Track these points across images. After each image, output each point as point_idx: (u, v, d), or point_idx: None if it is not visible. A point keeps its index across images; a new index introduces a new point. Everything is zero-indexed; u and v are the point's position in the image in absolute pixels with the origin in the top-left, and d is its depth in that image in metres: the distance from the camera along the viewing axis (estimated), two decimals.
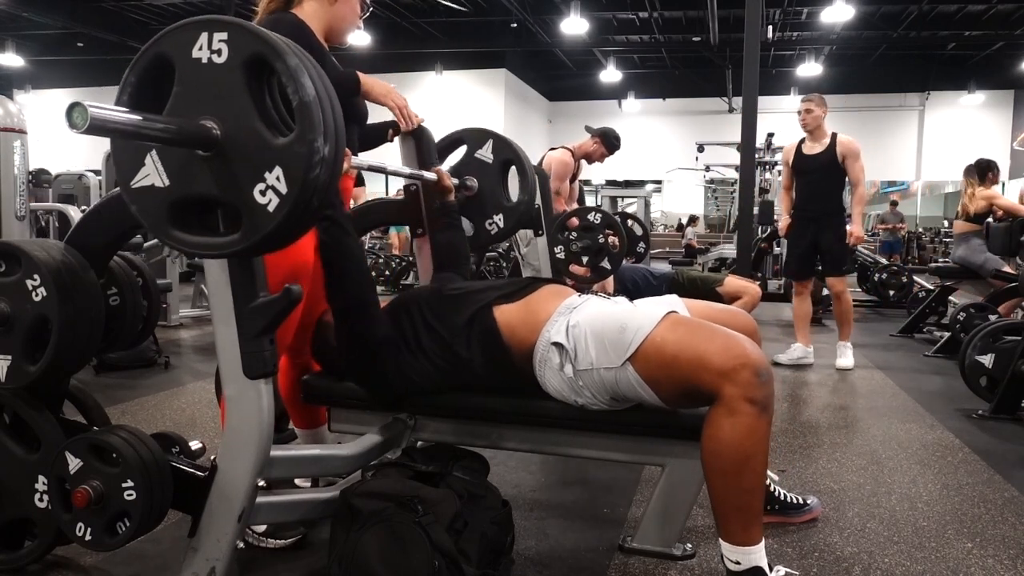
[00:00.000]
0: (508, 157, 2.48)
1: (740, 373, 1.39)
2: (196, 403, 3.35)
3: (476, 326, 1.65)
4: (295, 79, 1.11)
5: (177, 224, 1.22)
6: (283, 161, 1.13)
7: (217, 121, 1.16)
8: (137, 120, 1.08)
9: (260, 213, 1.15)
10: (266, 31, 1.15)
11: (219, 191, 1.18)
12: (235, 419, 1.43)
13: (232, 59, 1.14)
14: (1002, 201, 5.26)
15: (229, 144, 1.15)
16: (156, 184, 1.21)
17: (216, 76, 1.15)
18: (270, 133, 1.14)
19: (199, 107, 1.17)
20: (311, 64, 1.15)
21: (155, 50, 1.20)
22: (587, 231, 3.49)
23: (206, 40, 1.15)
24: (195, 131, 1.14)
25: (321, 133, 1.12)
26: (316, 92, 1.13)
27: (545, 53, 16.12)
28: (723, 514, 1.46)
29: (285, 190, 1.13)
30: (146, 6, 13.00)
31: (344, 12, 1.94)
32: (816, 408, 3.43)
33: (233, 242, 1.19)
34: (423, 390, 1.71)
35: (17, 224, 2.85)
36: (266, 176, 1.14)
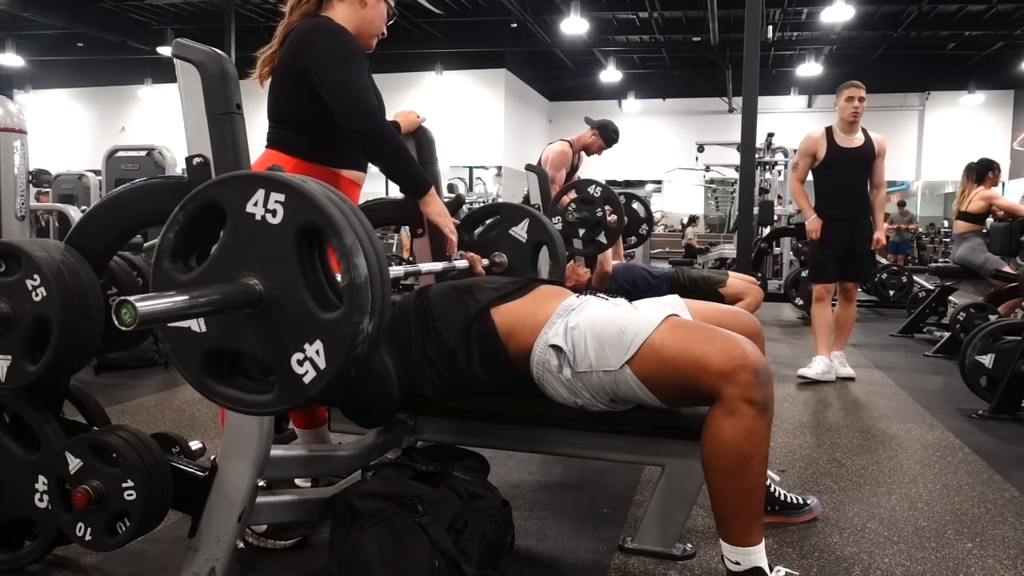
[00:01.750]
0: (542, 239, 2.42)
1: (739, 374, 1.39)
2: (196, 403, 3.34)
3: (474, 328, 1.65)
4: (349, 258, 1.07)
5: (209, 372, 1.18)
6: (325, 336, 1.09)
7: (262, 280, 1.12)
8: (183, 303, 1.05)
9: (295, 382, 1.11)
10: (325, 200, 1.10)
11: (256, 349, 1.15)
12: (235, 419, 1.43)
13: (287, 223, 1.10)
14: (1002, 201, 5.26)
15: (272, 305, 1.12)
16: (193, 328, 1.17)
17: (267, 235, 1.11)
18: (315, 305, 1.10)
19: (246, 261, 1.13)
20: (367, 236, 1.11)
21: (209, 195, 1.16)
22: (585, 204, 3.47)
23: (263, 197, 1.11)
24: (240, 296, 1.10)
25: (368, 313, 1.09)
26: (368, 270, 1.09)
27: (545, 53, 16.12)
28: (723, 514, 1.46)
29: (324, 366, 1.09)
30: (146, 6, 13.00)
31: (372, 16, 1.95)
32: (816, 408, 3.43)
33: (264, 403, 1.16)
34: (431, 400, 1.71)
35: (17, 224, 2.85)
36: (306, 348, 1.10)
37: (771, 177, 8.35)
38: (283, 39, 1.90)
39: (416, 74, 15.02)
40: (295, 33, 1.85)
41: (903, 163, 16.82)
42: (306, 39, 1.81)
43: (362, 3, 1.91)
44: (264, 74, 1.93)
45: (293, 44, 1.83)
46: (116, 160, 5.36)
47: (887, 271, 7.10)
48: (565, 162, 4.35)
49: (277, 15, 1.96)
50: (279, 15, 1.95)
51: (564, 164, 4.35)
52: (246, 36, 11.69)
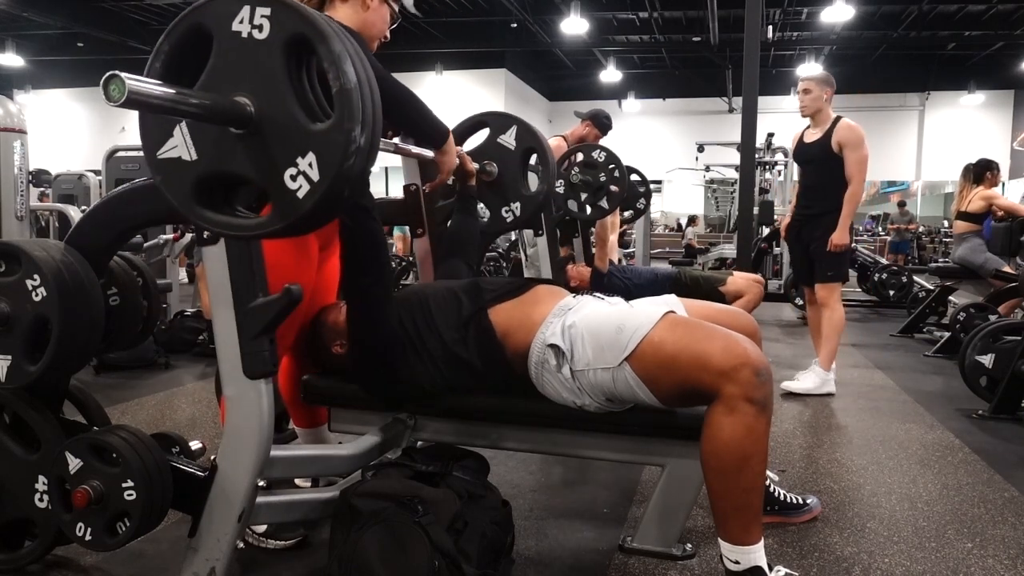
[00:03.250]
0: (531, 145, 2.43)
1: (740, 372, 1.39)
2: (196, 403, 3.35)
3: (472, 328, 1.65)
4: (337, 65, 1.07)
5: (202, 200, 1.17)
6: (317, 148, 1.09)
7: (252, 99, 1.11)
8: (172, 94, 1.04)
9: (289, 198, 1.11)
10: (311, 11, 1.10)
11: (248, 171, 1.14)
12: (235, 419, 1.43)
13: (273, 36, 1.09)
14: (1002, 201, 5.25)
15: (263, 123, 1.11)
16: (183, 157, 1.17)
17: (255, 52, 1.10)
18: (306, 117, 1.10)
19: (235, 82, 1.12)
20: (354, 50, 1.11)
21: (193, 19, 1.15)
22: (589, 167, 3.46)
23: (248, 13, 1.10)
24: (229, 108, 1.10)
25: (359, 122, 1.08)
26: (357, 79, 1.08)
27: (545, 53, 16.12)
28: (722, 514, 1.46)
29: (317, 177, 1.09)
30: (146, 6, 13.00)
31: (375, 19, 1.94)
32: (816, 408, 3.43)
33: (259, 224, 1.15)
34: (428, 393, 1.71)
35: (17, 224, 2.85)
36: (298, 161, 1.09)
37: (771, 177, 8.36)
38: None
39: (416, 74, 15.02)
40: None
41: (903, 163, 16.83)
42: None
43: (364, 6, 1.91)
44: None
45: None
46: (116, 160, 5.36)
47: (887, 271, 7.09)
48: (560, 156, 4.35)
49: None
50: None
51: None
52: None
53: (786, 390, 3.62)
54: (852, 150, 3.58)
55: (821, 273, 3.71)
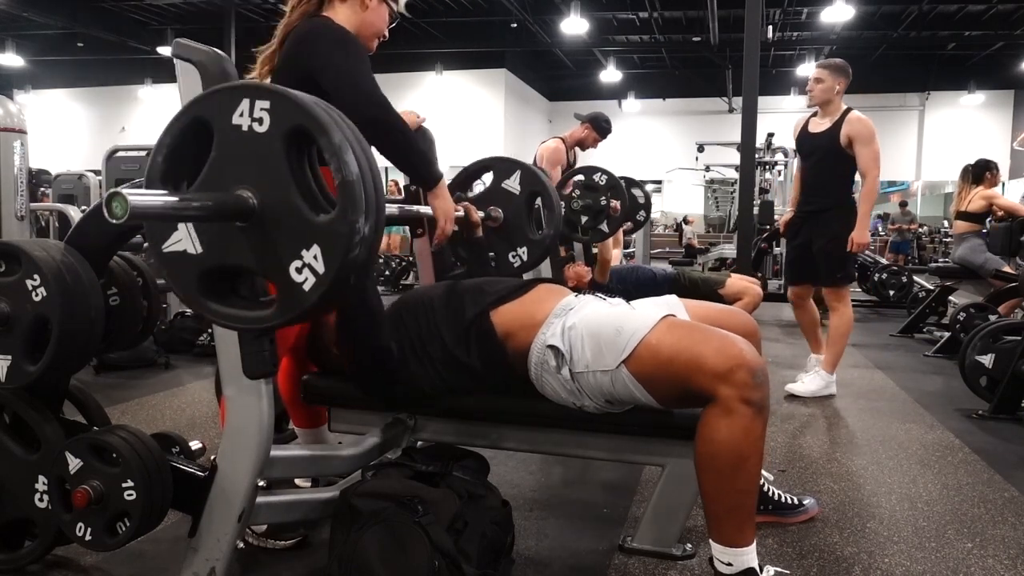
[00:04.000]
0: (536, 189, 2.42)
1: (736, 374, 1.39)
2: (196, 403, 3.35)
3: (474, 330, 1.65)
4: (339, 156, 1.07)
5: (208, 293, 1.17)
6: (322, 240, 1.08)
7: (254, 191, 1.11)
8: (175, 203, 1.05)
9: (295, 291, 1.10)
10: (310, 101, 1.10)
11: (253, 263, 1.14)
12: (235, 419, 1.43)
13: (273, 129, 1.10)
14: (1002, 201, 5.25)
15: (266, 216, 1.11)
16: (188, 250, 1.17)
17: (256, 145, 1.11)
18: (309, 209, 1.09)
19: (237, 175, 1.12)
20: (355, 138, 1.11)
21: (194, 112, 1.15)
22: (590, 190, 3.46)
23: (247, 107, 1.10)
24: (232, 204, 1.10)
25: (363, 212, 1.07)
26: (360, 169, 1.08)
27: (545, 53, 16.11)
28: (716, 515, 1.46)
29: (323, 270, 1.08)
30: (146, 6, 13.00)
31: (373, 20, 1.94)
32: (816, 408, 3.43)
33: (265, 318, 1.15)
34: (428, 396, 1.71)
35: (17, 224, 2.85)
36: (303, 254, 1.09)
37: (771, 177, 8.35)
38: (283, 38, 1.89)
39: (416, 74, 15.03)
40: (295, 33, 1.84)
41: (903, 163, 16.83)
42: (307, 40, 1.80)
43: (363, 6, 1.91)
44: (263, 73, 1.93)
45: (294, 45, 1.82)
46: (116, 160, 5.36)
47: (887, 271, 7.09)
48: (560, 159, 4.36)
49: (277, 15, 1.96)
50: (279, 15, 1.95)
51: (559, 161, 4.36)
52: (246, 36, 11.66)
53: (789, 392, 3.60)
54: (864, 144, 3.40)
55: (829, 275, 3.55)
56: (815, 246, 3.57)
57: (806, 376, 3.67)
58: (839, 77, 3.53)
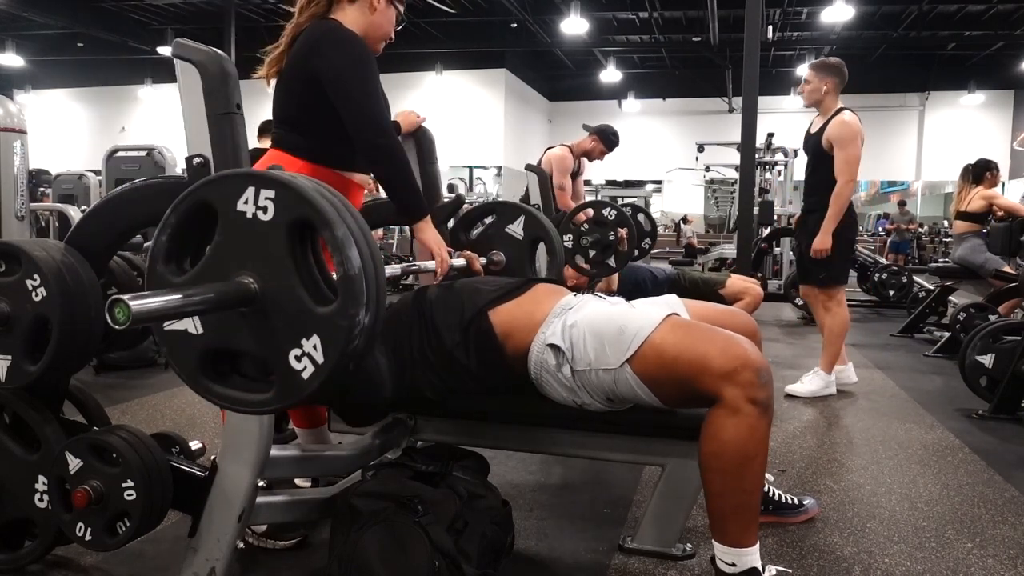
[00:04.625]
0: (539, 235, 2.42)
1: (741, 374, 1.39)
2: (196, 403, 3.34)
3: (472, 330, 1.65)
4: (341, 251, 1.07)
5: (207, 373, 1.18)
6: (322, 331, 1.09)
7: (256, 277, 1.12)
8: (177, 301, 1.05)
9: (294, 378, 1.11)
10: (315, 193, 1.10)
11: (253, 348, 1.15)
12: (235, 419, 1.43)
13: (278, 218, 1.10)
14: (1002, 201, 5.25)
15: (267, 303, 1.12)
16: (189, 330, 1.17)
17: (259, 233, 1.11)
18: (310, 299, 1.10)
19: (239, 260, 1.13)
20: (359, 228, 1.12)
21: (200, 195, 1.15)
22: (599, 225, 3.47)
23: (253, 195, 1.11)
24: (233, 293, 1.10)
25: (363, 305, 1.08)
26: (362, 263, 1.09)
27: (545, 53, 16.11)
28: (721, 515, 1.46)
29: (322, 360, 1.09)
30: (146, 6, 13.00)
31: (381, 21, 1.95)
32: (816, 408, 3.43)
33: (264, 401, 1.16)
34: (430, 400, 1.71)
35: (17, 224, 2.85)
36: (303, 343, 1.10)
37: (771, 177, 8.35)
38: (291, 40, 1.89)
39: (416, 74, 15.02)
40: (305, 36, 1.83)
41: (903, 163, 16.83)
42: (318, 46, 1.79)
43: (372, 8, 1.91)
44: (270, 74, 1.93)
45: (304, 48, 1.81)
46: (116, 160, 5.36)
47: (887, 271, 7.09)
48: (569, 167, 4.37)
49: (277, 15, 1.97)
50: (279, 15, 1.95)
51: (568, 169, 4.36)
52: (246, 36, 11.67)
53: (788, 392, 3.60)
54: (840, 148, 3.43)
55: (813, 275, 3.60)
56: (802, 246, 3.65)
57: (805, 376, 3.67)
58: (826, 77, 3.55)
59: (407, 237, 8.46)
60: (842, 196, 3.44)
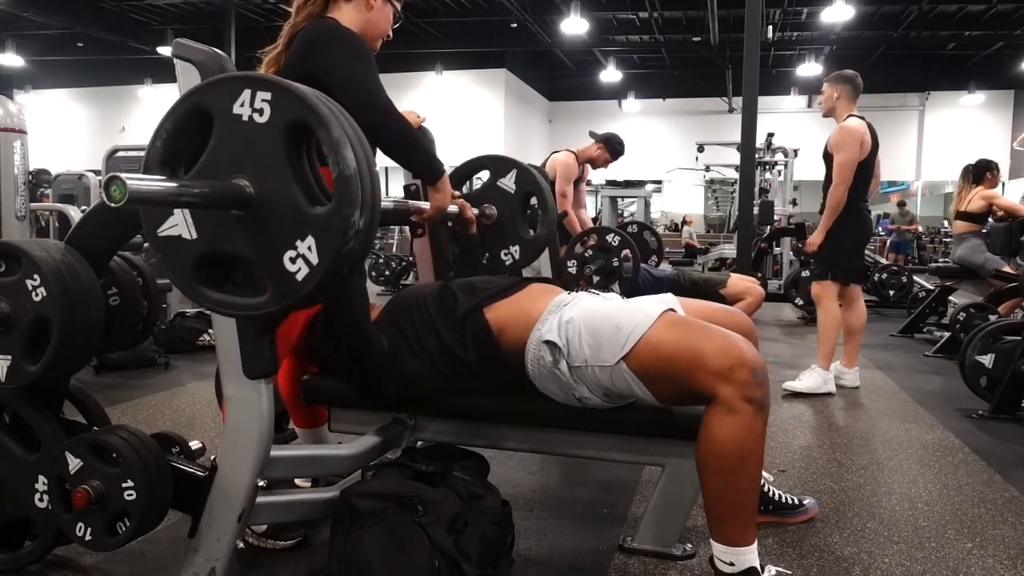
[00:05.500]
0: (531, 189, 2.43)
1: (737, 373, 1.39)
2: (196, 403, 3.35)
3: (469, 327, 1.66)
4: (336, 151, 1.08)
5: (201, 278, 1.18)
6: (317, 232, 1.10)
7: (252, 180, 1.12)
8: (173, 188, 1.06)
9: (288, 280, 1.11)
10: (311, 95, 1.11)
11: (247, 252, 1.15)
12: (235, 419, 1.43)
13: (274, 121, 1.11)
14: (1002, 201, 5.25)
15: (262, 206, 1.12)
16: (183, 236, 1.18)
17: (256, 135, 1.12)
18: (306, 201, 1.11)
19: (235, 164, 1.13)
20: (354, 132, 1.12)
21: (195, 100, 1.16)
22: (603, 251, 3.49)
23: (249, 97, 1.11)
24: (229, 193, 1.11)
25: (358, 206, 1.09)
26: (357, 164, 1.09)
27: (545, 53, 16.12)
28: (718, 515, 1.46)
29: (316, 261, 1.10)
30: (146, 6, 13.00)
31: (378, 20, 1.95)
32: (816, 408, 3.43)
33: (258, 305, 1.16)
34: (428, 393, 1.71)
35: (17, 224, 2.85)
36: (297, 244, 1.10)
37: (771, 177, 8.35)
38: (289, 40, 1.89)
39: (416, 74, 15.03)
40: (302, 35, 1.83)
41: (903, 163, 16.84)
42: (315, 43, 1.79)
43: (368, 6, 1.91)
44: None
45: (301, 47, 1.82)
46: (116, 160, 5.36)
47: (887, 271, 7.09)
48: (573, 174, 4.37)
49: (277, 15, 1.97)
50: (279, 15, 1.95)
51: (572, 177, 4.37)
52: (246, 36, 11.68)
53: (785, 389, 3.62)
54: (836, 152, 3.57)
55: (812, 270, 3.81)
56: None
57: (803, 373, 3.70)
58: (837, 85, 3.69)
59: (407, 237, 8.46)
60: (833, 198, 3.58)
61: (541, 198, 2.44)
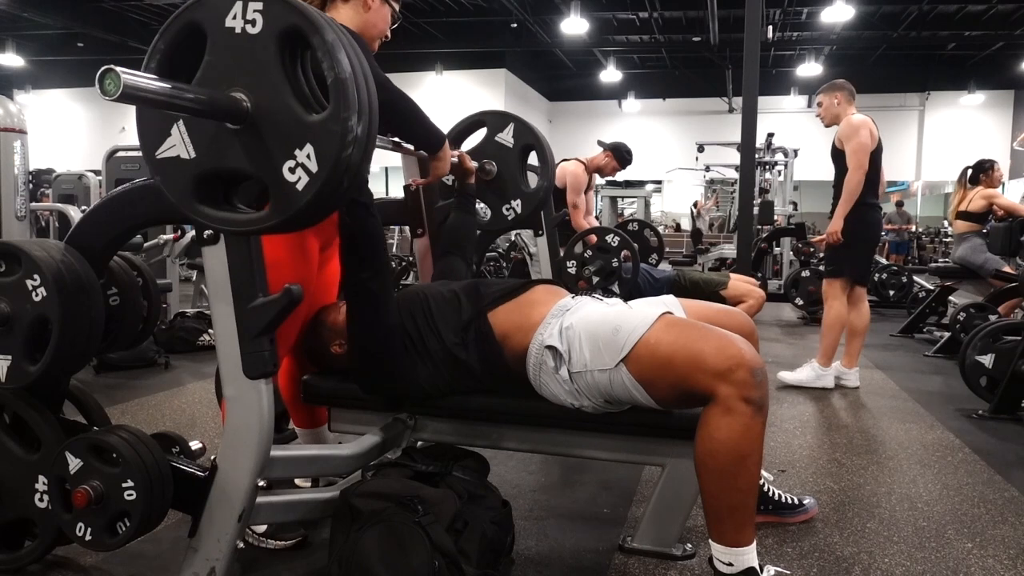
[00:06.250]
0: (529, 142, 2.45)
1: (735, 373, 1.39)
2: (196, 403, 3.35)
3: (472, 331, 1.65)
4: (331, 55, 1.08)
5: (202, 198, 1.18)
6: (315, 139, 1.09)
7: (248, 93, 1.12)
8: (168, 89, 1.05)
9: (289, 191, 1.11)
10: (303, 3, 1.11)
11: (247, 166, 1.14)
12: (235, 419, 1.43)
13: (267, 30, 1.10)
14: (1002, 200, 5.25)
15: (259, 118, 1.12)
16: (182, 155, 1.17)
17: (249, 47, 1.11)
18: (302, 109, 1.10)
19: (230, 78, 1.13)
20: (347, 40, 1.12)
21: (187, 16, 1.15)
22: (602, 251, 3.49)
23: (240, 9, 1.11)
24: (226, 103, 1.10)
25: (355, 111, 1.08)
26: (352, 69, 1.09)
27: (545, 53, 16.12)
28: (717, 515, 1.46)
29: (316, 169, 1.10)
30: (146, 6, 13.00)
31: (376, 20, 1.95)
32: (816, 408, 3.43)
33: (260, 219, 1.16)
34: (427, 394, 1.71)
35: (17, 224, 2.85)
36: (296, 154, 1.10)
37: (771, 177, 8.35)
38: None
39: (416, 74, 15.02)
40: None
41: (903, 163, 16.84)
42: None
43: (366, 7, 1.91)
44: None
45: None
46: (116, 160, 5.36)
47: (887, 271, 7.09)
48: (582, 185, 4.38)
49: None
50: None
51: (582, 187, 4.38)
52: None
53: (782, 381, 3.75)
54: (848, 141, 3.62)
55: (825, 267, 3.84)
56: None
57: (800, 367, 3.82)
58: (835, 93, 3.80)
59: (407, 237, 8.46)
60: (851, 183, 3.60)
61: (540, 150, 2.46)
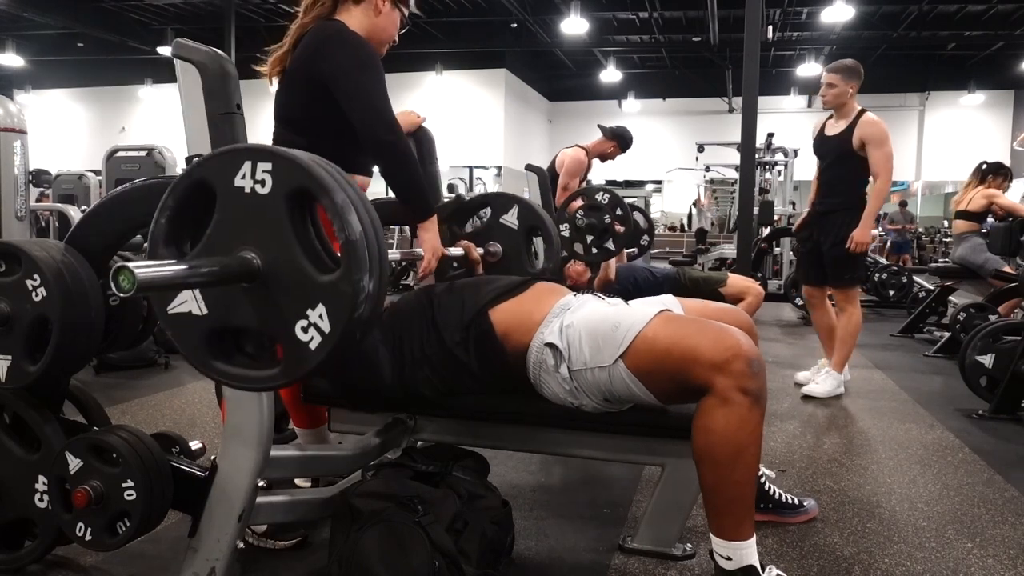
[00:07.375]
0: (534, 224, 2.43)
1: (732, 364, 1.39)
2: (196, 403, 3.35)
3: (473, 329, 1.65)
4: (341, 216, 1.07)
5: (214, 353, 1.18)
6: (327, 299, 1.09)
7: (258, 252, 1.11)
8: (182, 271, 1.06)
9: (301, 350, 1.11)
10: (312, 163, 1.11)
11: (259, 323, 1.14)
12: (235, 419, 1.43)
13: (276, 191, 1.10)
14: (1002, 200, 5.25)
15: (270, 276, 1.11)
16: (193, 311, 1.17)
17: (259, 207, 1.11)
18: (313, 269, 1.10)
19: (240, 236, 1.13)
20: (357, 196, 1.12)
21: (196, 175, 1.15)
22: (593, 210, 3.48)
23: (249, 169, 1.11)
24: (237, 268, 1.10)
25: (367, 271, 1.08)
26: (363, 228, 1.09)
27: (545, 53, 16.13)
28: (715, 508, 1.46)
29: (328, 329, 1.09)
30: (146, 6, 13.01)
31: (385, 24, 1.96)
32: (816, 408, 3.43)
33: (273, 377, 1.15)
34: (428, 399, 1.71)
35: (17, 224, 2.85)
36: (308, 313, 1.09)
37: (771, 177, 8.36)
38: (296, 40, 1.88)
39: (416, 74, 15.03)
40: (310, 37, 1.83)
41: (903, 163, 16.84)
42: (323, 47, 1.79)
43: (376, 11, 1.91)
44: (274, 73, 1.92)
45: (308, 49, 1.81)
46: (116, 160, 5.37)
47: (887, 271, 7.10)
48: (581, 170, 4.36)
49: (277, 15, 1.97)
50: (279, 15, 1.96)
51: (580, 171, 4.35)
52: (246, 36, 11.69)
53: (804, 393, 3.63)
54: (877, 147, 3.47)
55: (837, 276, 3.61)
56: (824, 247, 3.64)
57: (817, 377, 3.70)
58: (851, 80, 3.58)
59: (407, 237, 8.46)
60: (883, 191, 3.52)
61: (545, 232, 2.45)
